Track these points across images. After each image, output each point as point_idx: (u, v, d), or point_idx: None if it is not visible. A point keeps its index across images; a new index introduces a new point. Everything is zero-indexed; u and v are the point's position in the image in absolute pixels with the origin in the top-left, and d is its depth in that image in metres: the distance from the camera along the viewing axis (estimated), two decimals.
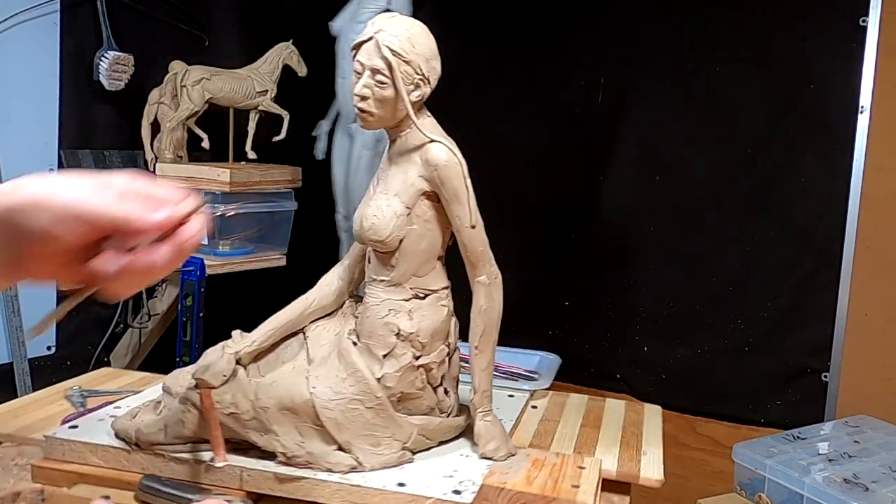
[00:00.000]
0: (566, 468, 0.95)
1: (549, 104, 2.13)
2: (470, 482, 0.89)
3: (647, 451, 1.08)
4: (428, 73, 0.93)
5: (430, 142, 0.94)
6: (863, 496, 1.30)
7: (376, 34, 0.91)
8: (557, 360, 1.50)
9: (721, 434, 1.95)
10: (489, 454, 0.96)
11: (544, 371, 1.44)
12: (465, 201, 0.93)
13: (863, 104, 1.77)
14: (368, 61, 0.91)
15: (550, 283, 2.17)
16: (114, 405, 1.10)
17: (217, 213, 1.83)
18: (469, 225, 0.93)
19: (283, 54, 2.04)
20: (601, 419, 1.21)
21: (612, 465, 1.03)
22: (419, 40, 0.92)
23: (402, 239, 0.94)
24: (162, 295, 1.98)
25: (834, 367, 1.84)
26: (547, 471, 0.94)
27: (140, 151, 2.04)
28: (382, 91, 0.91)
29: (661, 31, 1.98)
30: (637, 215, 2.05)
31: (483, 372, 0.98)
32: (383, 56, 0.90)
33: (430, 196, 0.94)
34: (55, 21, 1.87)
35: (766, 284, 1.91)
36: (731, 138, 1.92)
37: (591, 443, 1.11)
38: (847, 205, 1.80)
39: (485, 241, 0.95)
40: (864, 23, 1.75)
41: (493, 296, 0.97)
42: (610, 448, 1.09)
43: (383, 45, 0.90)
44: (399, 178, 0.95)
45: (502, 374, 1.39)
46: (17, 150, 1.83)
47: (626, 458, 1.05)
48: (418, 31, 0.93)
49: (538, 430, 1.15)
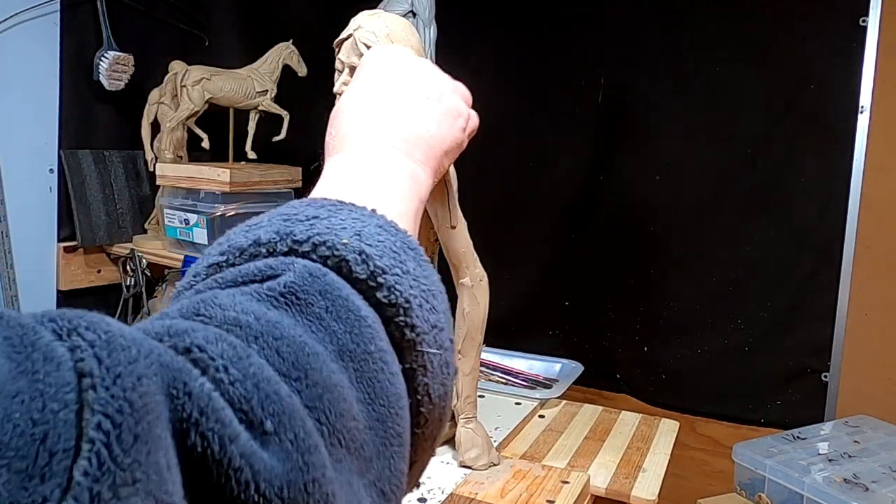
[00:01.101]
0: (548, 482, 0.92)
1: (549, 104, 2.13)
2: (439, 490, 0.87)
3: (648, 469, 1.04)
4: None
5: None
6: (863, 496, 1.30)
7: (355, 32, 0.89)
8: (579, 367, 1.47)
9: (721, 434, 1.95)
10: (469, 462, 0.93)
11: (564, 379, 1.40)
12: (444, 201, 0.90)
13: (863, 104, 1.77)
14: (347, 59, 0.90)
15: (550, 283, 2.17)
16: None
17: (217, 213, 1.83)
18: (449, 225, 0.91)
19: (283, 54, 2.04)
20: (609, 432, 1.17)
21: (604, 482, 0.99)
22: (399, 37, 0.90)
23: None
24: (162, 295, 1.98)
25: (834, 367, 1.84)
26: (525, 484, 0.90)
27: (140, 151, 2.04)
28: None
29: (661, 31, 1.98)
30: (637, 215, 2.05)
31: (466, 377, 0.95)
32: (360, 53, 0.88)
33: None
34: (55, 21, 1.87)
35: (766, 284, 1.91)
36: (731, 138, 1.92)
37: (590, 456, 1.07)
38: (847, 205, 1.80)
39: (468, 242, 0.92)
40: (864, 23, 1.75)
41: (478, 298, 0.94)
42: (608, 463, 1.05)
43: (360, 43, 0.88)
44: None
45: (520, 380, 1.37)
46: (17, 150, 1.83)
47: (621, 475, 1.01)
48: (399, 27, 0.91)
49: (538, 440, 1.12)
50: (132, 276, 1.94)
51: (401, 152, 0.51)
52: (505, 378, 1.43)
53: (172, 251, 1.91)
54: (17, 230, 1.82)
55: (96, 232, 1.98)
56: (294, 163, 2.04)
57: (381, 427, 0.34)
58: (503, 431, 1.06)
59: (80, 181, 1.95)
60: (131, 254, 1.94)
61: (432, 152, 0.54)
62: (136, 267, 1.92)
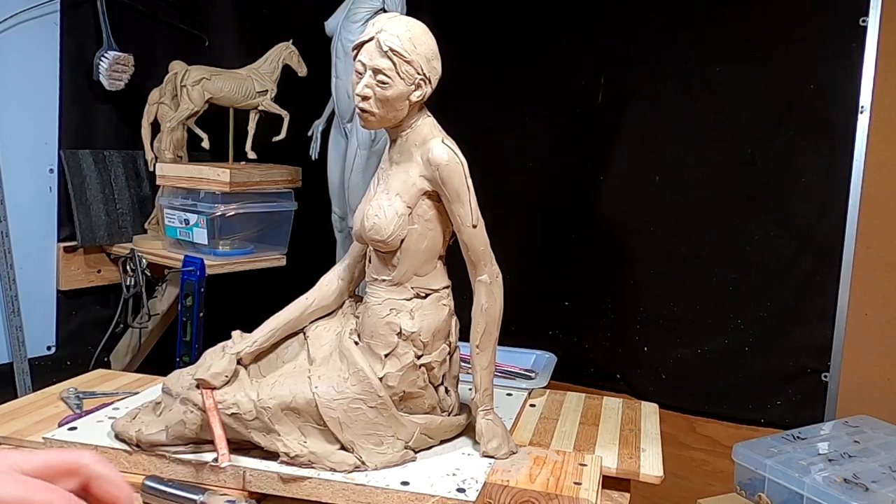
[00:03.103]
0: (567, 465, 0.96)
1: (549, 104, 2.13)
2: (473, 480, 0.90)
3: (646, 449, 1.09)
4: (429, 73, 0.93)
5: (432, 141, 0.94)
6: (863, 496, 1.30)
7: (378, 34, 0.91)
8: (553, 358, 1.51)
9: (721, 434, 1.95)
10: (491, 452, 0.97)
11: (541, 370, 1.44)
12: (466, 201, 0.93)
13: (863, 104, 1.77)
14: (370, 61, 0.91)
15: (550, 283, 2.17)
16: (112, 406, 1.10)
17: (217, 213, 1.83)
18: (470, 224, 0.94)
19: (283, 54, 2.04)
20: (599, 417, 1.22)
21: (613, 463, 1.03)
22: (420, 40, 0.92)
23: (404, 238, 0.94)
24: (162, 295, 1.98)
25: (834, 367, 1.84)
26: (549, 468, 0.94)
27: (140, 151, 2.04)
28: (384, 91, 0.91)
29: (661, 31, 1.98)
30: (637, 215, 2.05)
31: (484, 371, 0.99)
32: (385, 56, 0.90)
33: (431, 196, 0.95)
34: (55, 21, 1.87)
35: (766, 284, 1.91)
36: (731, 138, 1.92)
37: (591, 440, 1.12)
38: (847, 204, 1.80)
39: (486, 241, 0.95)
40: (864, 23, 1.75)
41: (495, 294, 0.97)
42: (609, 445, 1.09)
43: (385, 45, 0.90)
44: (400, 177, 0.95)
45: (500, 373, 1.39)
46: (17, 150, 1.83)
47: (625, 456, 1.06)
48: (419, 31, 0.93)
49: (537, 428, 1.16)
50: (132, 276, 1.93)
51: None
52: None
53: (172, 251, 1.91)
54: (17, 230, 1.82)
55: (96, 232, 1.98)
56: (294, 163, 2.04)
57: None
58: (506, 422, 1.09)
59: (80, 181, 1.95)
60: (131, 254, 1.94)
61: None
62: (136, 267, 1.92)
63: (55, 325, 1.95)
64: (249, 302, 1.59)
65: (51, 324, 1.94)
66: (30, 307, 1.86)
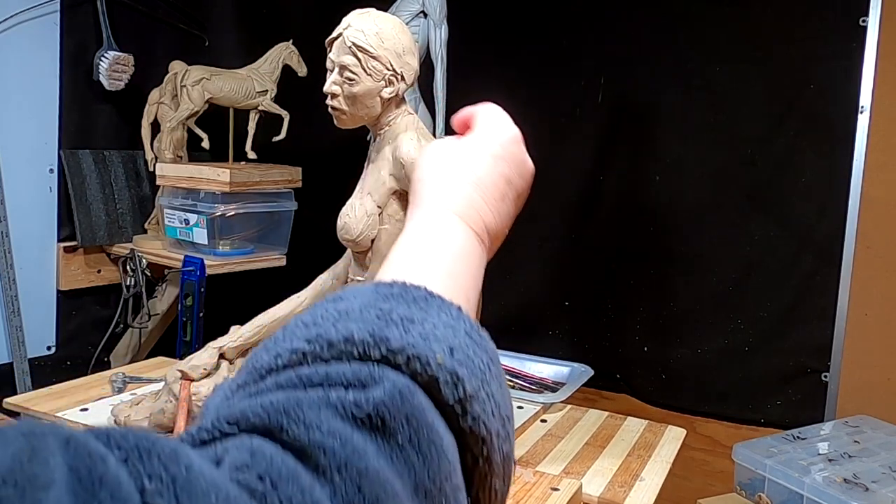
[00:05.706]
0: (537, 489, 0.90)
1: (549, 104, 2.13)
2: None
3: (645, 478, 1.02)
4: (400, 68, 0.90)
5: (401, 136, 0.91)
6: (863, 496, 1.30)
7: (344, 30, 0.90)
8: (587, 373, 1.43)
9: (721, 434, 1.95)
10: None
11: (571, 383, 1.37)
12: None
13: (863, 104, 1.77)
14: (337, 58, 0.90)
15: (551, 284, 2.17)
16: (136, 392, 1.17)
17: (217, 213, 1.83)
18: None
19: (283, 54, 2.04)
20: (611, 438, 1.16)
21: (597, 490, 0.97)
22: (388, 35, 0.89)
23: (374, 238, 0.93)
24: (162, 295, 1.98)
25: (834, 367, 1.84)
26: (513, 489, 0.89)
27: (140, 151, 2.04)
28: (351, 88, 0.89)
29: (661, 31, 1.98)
30: (637, 215, 2.05)
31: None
32: (350, 52, 0.88)
33: (401, 195, 0.92)
34: (55, 21, 1.87)
35: (766, 284, 1.91)
36: (731, 138, 1.92)
37: (587, 463, 1.05)
38: (847, 205, 1.80)
39: None
40: (864, 23, 1.75)
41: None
42: (605, 470, 1.03)
43: (349, 41, 0.89)
44: (373, 176, 0.94)
45: (528, 384, 1.36)
46: (17, 150, 1.83)
47: (616, 483, 1.00)
48: (389, 26, 0.90)
49: (536, 445, 1.11)
50: (132, 276, 1.93)
51: (481, 242, 0.55)
52: (512, 381, 1.41)
53: (172, 251, 1.91)
54: (17, 230, 1.82)
55: (96, 232, 1.98)
56: (294, 163, 2.04)
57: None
58: None
59: (80, 181, 1.95)
60: (131, 254, 1.94)
61: (496, 245, 0.59)
62: (135, 267, 1.92)
63: (55, 325, 1.95)
64: (249, 302, 1.59)
65: (51, 324, 1.94)
66: (30, 307, 1.86)
